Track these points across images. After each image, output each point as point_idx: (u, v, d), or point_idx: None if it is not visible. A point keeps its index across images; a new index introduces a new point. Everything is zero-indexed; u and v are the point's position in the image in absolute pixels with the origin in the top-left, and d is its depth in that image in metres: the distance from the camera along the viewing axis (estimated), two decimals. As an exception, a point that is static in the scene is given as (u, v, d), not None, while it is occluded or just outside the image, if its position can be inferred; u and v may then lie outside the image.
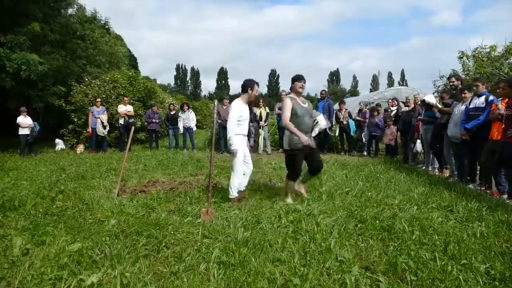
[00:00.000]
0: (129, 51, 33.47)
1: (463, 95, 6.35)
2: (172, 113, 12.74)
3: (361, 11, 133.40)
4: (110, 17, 17.53)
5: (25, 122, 10.90)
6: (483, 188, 5.84)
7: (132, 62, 33.51)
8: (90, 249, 3.12)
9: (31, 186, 5.90)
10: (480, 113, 5.81)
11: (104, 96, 13.34)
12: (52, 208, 4.46)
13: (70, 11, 16.21)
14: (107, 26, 19.82)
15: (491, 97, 5.75)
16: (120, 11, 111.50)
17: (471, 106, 6.05)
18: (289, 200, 4.83)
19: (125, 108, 11.96)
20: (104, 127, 11.68)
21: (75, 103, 13.15)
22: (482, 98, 5.89)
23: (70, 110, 13.26)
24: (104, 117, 11.74)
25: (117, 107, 12.39)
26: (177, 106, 14.22)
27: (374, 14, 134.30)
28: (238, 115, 4.72)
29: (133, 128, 6.30)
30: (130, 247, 3.23)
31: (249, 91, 4.81)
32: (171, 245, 3.33)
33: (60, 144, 12.86)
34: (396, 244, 3.33)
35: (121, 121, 11.90)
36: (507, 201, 5.08)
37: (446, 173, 7.34)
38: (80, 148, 12.18)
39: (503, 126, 5.24)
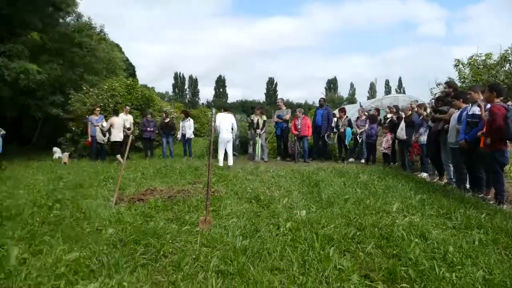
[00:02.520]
0: (127, 59, 33.49)
1: (455, 102, 6.42)
2: (166, 121, 12.67)
3: (348, 23, 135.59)
4: (104, 24, 17.35)
5: None
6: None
7: (130, 70, 33.47)
8: (88, 258, 3.09)
9: (28, 195, 5.84)
10: (477, 120, 5.83)
11: (102, 104, 13.33)
12: (49, 217, 4.42)
13: (68, 19, 16.29)
14: (102, 33, 19.95)
15: (488, 105, 5.77)
16: (118, 24, 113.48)
17: (469, 113, 6.07)
18: None
19: (125, 118, 11.89)
20: (104, 134, 11.63)
21: (73, 111, 13.13)
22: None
23: (68, 119, 13.23)
24: (104, 123, 11.68)
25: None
26: (175, 114, 14.18)
27: (361, 25, 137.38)
28: None
29: (131, 137, 6.29)
30: (127, 256, 3.20)
31: None
32: (169, 254, 3.31)
33: (57, 152, 12.75)
34: (395, 252, 3.32)
35: None
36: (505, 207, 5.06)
37: (444, 180, 7.35)
38: (65, 158, 11.44)
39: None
